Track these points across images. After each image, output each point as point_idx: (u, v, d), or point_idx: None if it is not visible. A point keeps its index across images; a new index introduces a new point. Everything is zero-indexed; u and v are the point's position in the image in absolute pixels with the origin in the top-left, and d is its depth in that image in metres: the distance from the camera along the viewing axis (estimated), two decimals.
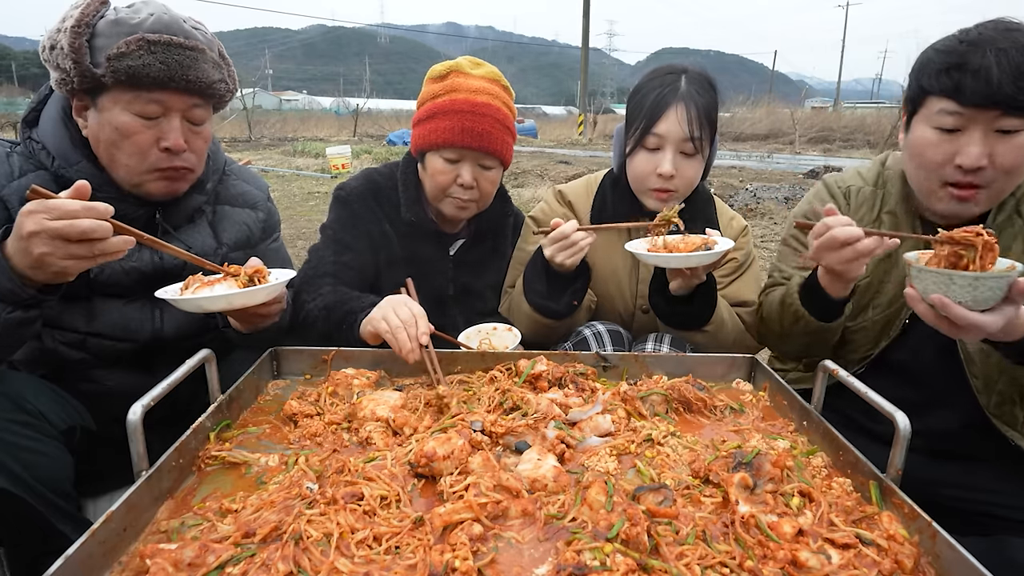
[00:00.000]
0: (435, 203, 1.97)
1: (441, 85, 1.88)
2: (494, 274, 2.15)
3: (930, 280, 1.23)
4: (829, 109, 42.76)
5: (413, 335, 1.50)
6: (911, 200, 1.63)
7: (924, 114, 1.45)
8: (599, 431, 1.32)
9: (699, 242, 1.66)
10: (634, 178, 1.87)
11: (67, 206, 1.11)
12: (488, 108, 1.84)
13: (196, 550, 0.89)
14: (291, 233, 6.95)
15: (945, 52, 1.40)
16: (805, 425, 1.37)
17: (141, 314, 1.59)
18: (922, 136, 1.46)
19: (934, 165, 1.45)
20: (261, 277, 1.44)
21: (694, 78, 1.80)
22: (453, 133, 1.81)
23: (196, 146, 1.55)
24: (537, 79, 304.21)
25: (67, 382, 1.53)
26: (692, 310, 1.78)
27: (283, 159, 16.92)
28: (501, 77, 1.94)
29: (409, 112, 50.40)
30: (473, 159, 1.87)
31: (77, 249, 1.13)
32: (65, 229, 1.10)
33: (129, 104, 1.42)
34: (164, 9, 1.45)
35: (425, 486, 1.13)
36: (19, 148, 1.52)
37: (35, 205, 1.12)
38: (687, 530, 0.99)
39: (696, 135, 1.76)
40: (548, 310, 1.81)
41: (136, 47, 1.37)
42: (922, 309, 1.27)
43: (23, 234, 1.13)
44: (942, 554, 0.95)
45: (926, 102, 1.44)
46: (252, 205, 1.83)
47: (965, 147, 1.39)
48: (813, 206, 1.79)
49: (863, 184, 1.74)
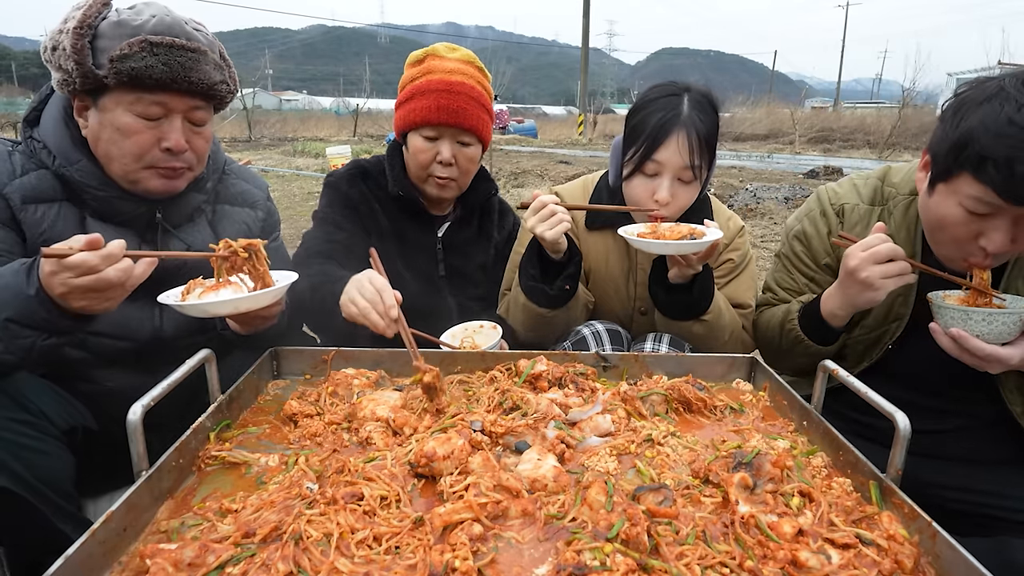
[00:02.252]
0: (418, 183, 2.04)
1: (418, 68, 1.97)
2: (482, 255, 2.21)
3: (949, 315, 1.38)
4: (829, 109, 42.75)
5: (382, 311, 1.50)
6: (914, 230, 1.60)
7: (954, 188, 1.33)
8: (599, 431, 1.32)
9: (686, 231, 1.67)
10: (630, 200, 1.86)
11: (87, 262, 1.13)
12: (463, 87, 1.92)
13: (196, 550, 0.89)
14: (291, 233, 6.95)
15: (995, 135, 1.23)
16: (805, 425, 1.37)
17: (142, 313, 1.59)
18: (948, 211, 1.36)
19: (956, 239, 1.39)
20: (257, 252, 1.43)
21: (696, 100, 1.76)
22: (430, 111, 1.89)
23: (197, 146, 1.56)
24: (537, 79, 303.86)
25: (68, 382, 1.53)
26: (690, 299, 1.79)
27: (283, 159, 16.92)
28: (476, 59, 2.01)
29: None
30: (451, 136, 1.94)
31: (111, 293, 1.19)
32: (94, 284, 1.15)
33: (131, 105, 1.43)
34: (166, 11, 1.46)
35: (425, 486, 1.13)
36: (20, 147, 1.52)
37: (54, 266, 1.14)
38: (687, 530, 0.99)
39: (696, 163, 1.74)
40: (541, 294, 1.82)
41: (139, 48, 1.37)
42: (945, 342, 1.39)
43: (55, 294, 1.17)
44: (942, 554, 0.95)
45: (960, 178, 1.31)
46: (252, 204, 1.84)
47: (992, 232, 1.32)
48: (804, 227, 1.77)
49: (858, 202, 1.70)
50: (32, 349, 1.25)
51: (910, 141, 22.12)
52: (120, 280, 1.17)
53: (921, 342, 1.49)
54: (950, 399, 1.63)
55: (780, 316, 1.73)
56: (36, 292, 1.18)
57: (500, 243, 2.26)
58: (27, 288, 1.19)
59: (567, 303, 1.86)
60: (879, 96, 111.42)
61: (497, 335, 1.84)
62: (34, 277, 1.19)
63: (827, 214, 1.74)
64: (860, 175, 1.78)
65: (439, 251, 2.15)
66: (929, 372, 1.61)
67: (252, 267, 1.43)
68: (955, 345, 1.37)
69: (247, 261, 1.42)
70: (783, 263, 1.86)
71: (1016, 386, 1.56)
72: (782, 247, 1.88)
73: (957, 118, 1.32)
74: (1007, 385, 1.56)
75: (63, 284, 1.15)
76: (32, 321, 1.22)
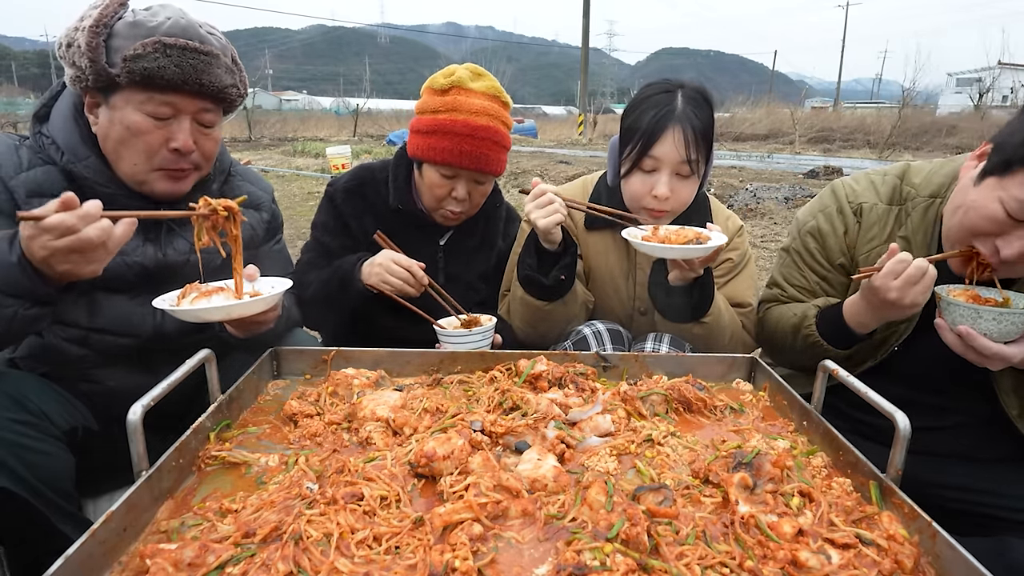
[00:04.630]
0: (428, 210, 2.06)
1: (442, 101, 1.92)
2: (484, 264, 2.20)
3: (958, 312, 1.36)
4: (829, 109, 42.75)
5: (416, 285, 1.84)
6: (931, 232, 1.57)
7: (1005, 185, 1.31)
8: (599, 431, 1.32)
9: (692, 235, 1.67)
10: (629, 198, 1.87)
11: (65, 222, 1.12)
12: (487, 131, 1.91)
13: (196, 550, 0.89)
14: (291, 233, 6.95)
15: None
16: (805, 425, 1.37)
17: (143, 309, 1.59)
18: (987, 205, 1.34)
19: (976, 233, 1.39)
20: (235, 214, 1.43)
21: (690, 96, 1.77)
22: (452, 155, 1.89)
23: (205, 147, 1.57)
24: (537, 79, 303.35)
25: (68, 382, 1.53)
26: (690, 301, 1.79)
27: (283, 159, 16.93)
28: (501, 92, 1.98)
29: (409, 112, 50.54)
30: (468, 176, 1.96)
31: (94, 255, 1.17)
32: (74, 245, 1.14)
33: (141, 104, 1.44)
34: (181, 14, 1.48)
35: (425, 486, 1.13)
36: (28, 142, 1.54)
37: (32, 230, 1.14)
38: (687, 530, 0.99)
39: (692, 158, 1.75)
40: (538, 284, 1.84)
41: (152, 49, 1.39)
42: (950, 339, 1.38)
43: (37, 259, 1.17)
44: (942, 554, 0.95)
45: (1018, 177, 1.28)
46: (256, 207, 1.84)
47: (1015, 240, 1.32)
48: (819, 224, 1.72)
49: (876, 201, 1.65)
50: (14, 319, 1.25)
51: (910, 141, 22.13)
52: (101, 239, 1.15)
53: (926, 341, 1.49)
54: (951, 397, 1.63)
55: (795, 320, 1.68)
56: (18, 259, 1.18)
57: (503, 251, 2.23)
58: (9, 256, 1.19)
59: (563, 296, 1.87)
60: (879, 96, 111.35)
61: (491, 323, 1.86)
62: (16, 245, 1.19)
63: (844, 212, 1.69)
64: (877, 172, 1.73)
65: (440, 259, 2.14)
66: (932, 370, 1.60)
67: (229, 228, 1.44)
68: (960, 342, 1.36)
69: (227, 221, 1.42)
70: (793, 259, 1.80)
71: (1012, 388, 1.55)
72: (792, 242, 1.81)
73: None
74: (1003, 387, 1.55)
75: (43, 247, 1.14)
76: (15, 289, 1.22)
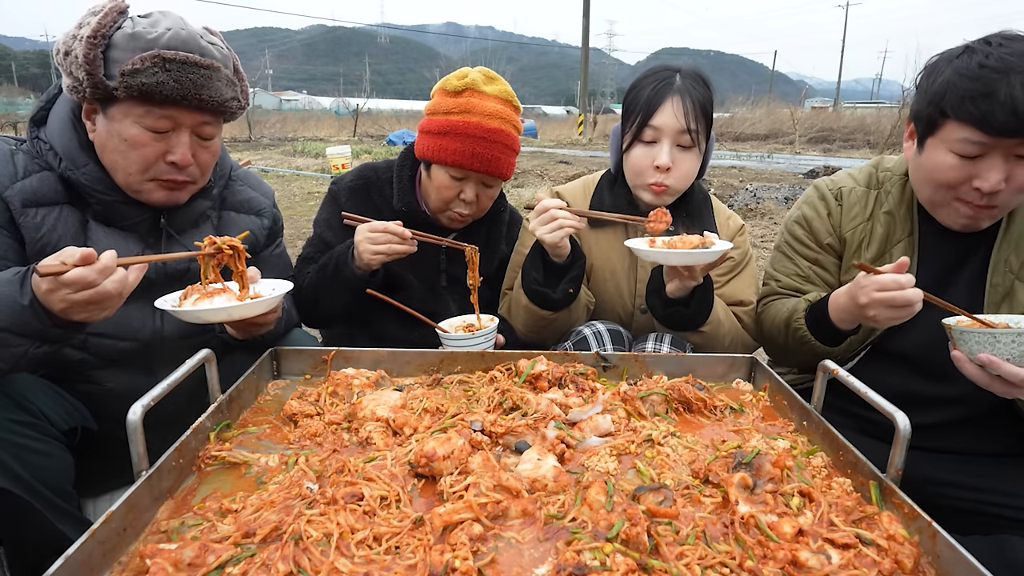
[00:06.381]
0: (435, 212, 2.05)
1: (455, 102, 1.92)
2: (486, 267, 2.19)
3: (974, 340, 1.26)
4: (829, 109, 42.74)
5: (400, 241, 1.77)
6: (911, 204, 1.64)
7: (942, 138, 1.42)
8: (599, 431, 1.32)
9: (696, 242, 1.66)
10: (631, 172, 1.88)
11: (85, 278, 1.13)
12: (499, 135, 1.91)
13: (196, 550, 0.89)
14: (291, 233, 6.95)
15: (969, 78, 1.33)
16: (805, 425, 1.37)
17: (143, 313, 1.59)
18: (941, 160, 1.43)
19: (950, 185, 1.44)
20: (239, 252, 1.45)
21: (688, 74, 1.84)
22: (464, 156, 1.89)
23: (203, 160, 1.55)
24: (537, 79, 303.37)
25: (68, 382, 1.53)
26: (688, 312, 1.79)
27: (283, 159, 16.92)
28: (513, 96, 1.99)
29: (409, 112, 50.40)
30: (478, 179, 1.96)
31: (109, 303, 1.19)
32: (93, 297, 1.15)
33: (140, 118, 1.42)
34: (182, 24, 1.44)
35: (425, 486, 1.13)
36: (24, 146, 1.51)
37: (51, 284, 1.14)
38: (687, 530, 0.99)
39: (693, 127, 1.78)
40: (544, 298, 1.83)
41: (151, 64, 1.36)
42: (972, 371, 1.30)
43: (55, 310, 1.18)
44: (942, 554, 0.95)
45: (945, 126, 1.40)
46: (257, 212, 1.83)
47: (985, 172, 1.37)
48: (804, 212, 1.80)
49: (855, 185, 1.75)
50: (23, 357, 1.24)
51: None
52: (118, 291, 1.18)
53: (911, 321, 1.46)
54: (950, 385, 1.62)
55: (786, 314, 1.72)
56: (30, 302, 1.17)
57: (506, 255, 2.23)
58: (20, 298, 1.18)
59: (569, 305, 1.86)
60: (879, 96, 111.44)
61: (493, 324, 1.85)
62: (27, 287, 1.18)
63: (826, 197, 1.77)
64: (853, 168, 1.85)
65: (442, 260, 2.14)
66: (925, 353, 1.60)
67: (234, 264, 1.45)
68: (983, 374, 1.29)
69: (231, 258, 1.44)
70: (782, 252, 1.87)
71: None
72: (780, 239, 1.90)
73: (931, 79, 1.43)
74: None
75: (63, 300, 1.15)
76: (25, 331, 1.20)
